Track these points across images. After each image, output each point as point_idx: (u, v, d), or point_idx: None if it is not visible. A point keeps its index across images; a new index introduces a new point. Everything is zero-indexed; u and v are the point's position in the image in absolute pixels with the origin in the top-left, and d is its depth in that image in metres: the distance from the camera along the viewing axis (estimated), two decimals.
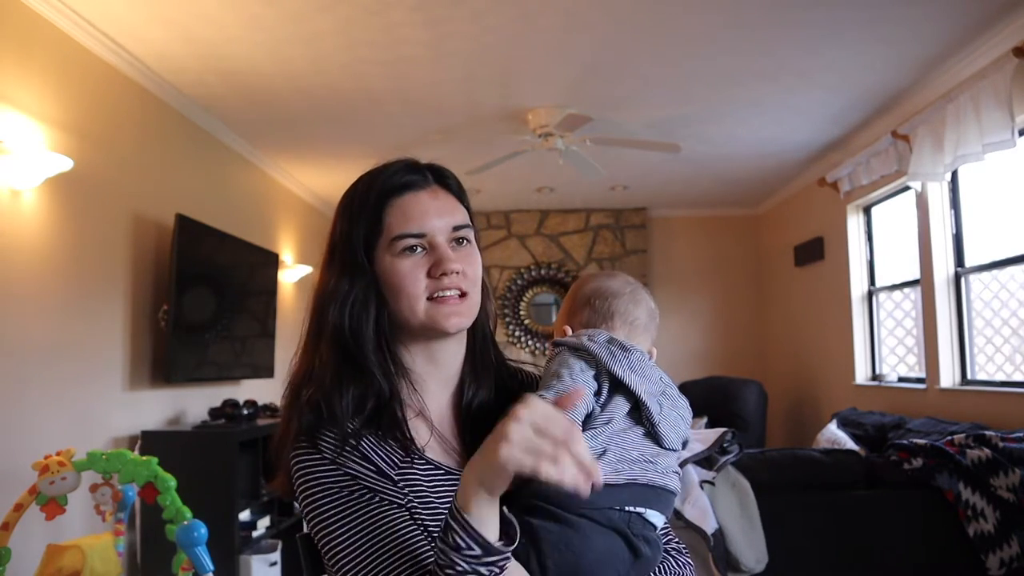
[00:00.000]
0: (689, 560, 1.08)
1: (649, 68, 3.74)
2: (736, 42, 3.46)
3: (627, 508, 0.93)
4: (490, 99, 4.11)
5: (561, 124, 4.16)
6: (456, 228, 1.01)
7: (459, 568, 0.78)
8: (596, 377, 0.98)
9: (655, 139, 4.60)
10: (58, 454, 2.14)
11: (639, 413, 0.97)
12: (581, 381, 0.96)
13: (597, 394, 0.97)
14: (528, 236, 7.12)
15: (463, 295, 1.00)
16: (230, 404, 3.88)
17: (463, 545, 0.77)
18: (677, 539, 1.10)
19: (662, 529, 1.03)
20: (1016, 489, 2.74)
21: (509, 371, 1.15)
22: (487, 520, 0.79)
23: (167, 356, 3.61)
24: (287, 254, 5.58)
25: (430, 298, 0.99)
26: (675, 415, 1.01)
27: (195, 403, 4.11)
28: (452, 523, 0.79)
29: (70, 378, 3.08)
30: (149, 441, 3.43)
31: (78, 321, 3.14)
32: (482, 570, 0.78)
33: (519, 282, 7.04)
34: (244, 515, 3.66)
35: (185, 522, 2.07)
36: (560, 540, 0.90)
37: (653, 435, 0.97)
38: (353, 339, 0.99)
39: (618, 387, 0.97)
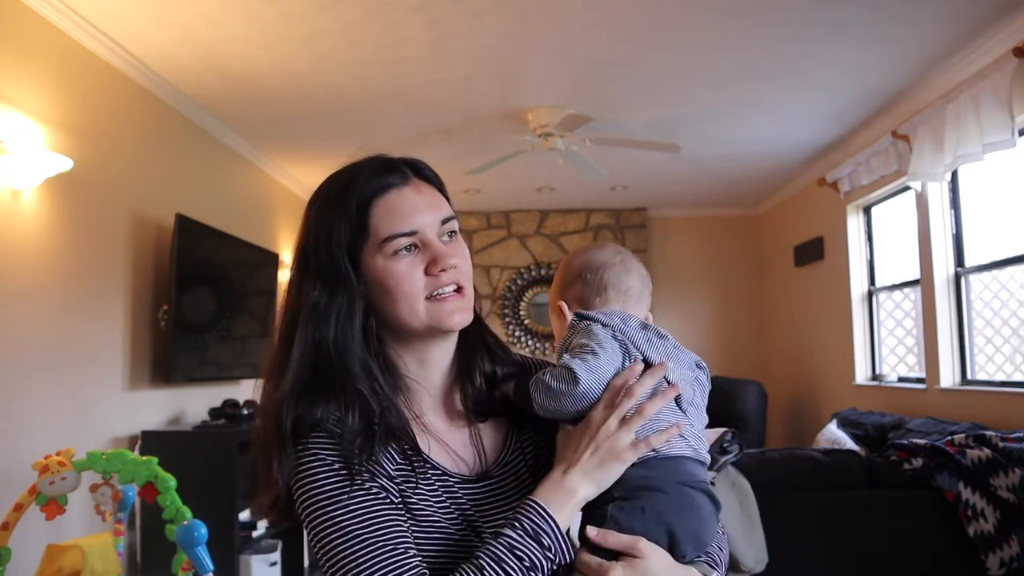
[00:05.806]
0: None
1: (649, 68, 3.74)
2: (736, 42, 3.46)
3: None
4: (490, 99, 4.11)
5: (561, 124, 4.15)
6: (444, 221, 0.98)
7: (534, 559, 0.86)
8: (624, 355, 1.00)
9: (655, 139, 4.60)
10: (58, 454, 2.13)
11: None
12: (614, 354, 0.98)
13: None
14: (528, 236, 7.12)
15: (460, 290, 0.97)
16: (230, 404, 3.88)
17: (547, 544, 0.87)
18: None
19: None
20: (1016, 489, 2.74)
21: (505, 356, 1.11)
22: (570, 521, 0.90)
23: (167, 356, 3.61)
24: (287, 254, 5.57)
25: (428, 297, 0.95)
26: (701, 402, 1.05)
27: (195, 403, 4.11)
28: (540, 521, 0.87)
29: (70, 378, 3.08)
30: (149, 441, 3.43)
31: (78, 321, 3.14)
32: (545, 563, 0.87)
33: (519, 282, 7.04)
34: (244, 515, 3.65)
35: (185, 522, 2.06)
36: (675, 508, 0.95)
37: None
38: (338, 355, 0.94)
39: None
